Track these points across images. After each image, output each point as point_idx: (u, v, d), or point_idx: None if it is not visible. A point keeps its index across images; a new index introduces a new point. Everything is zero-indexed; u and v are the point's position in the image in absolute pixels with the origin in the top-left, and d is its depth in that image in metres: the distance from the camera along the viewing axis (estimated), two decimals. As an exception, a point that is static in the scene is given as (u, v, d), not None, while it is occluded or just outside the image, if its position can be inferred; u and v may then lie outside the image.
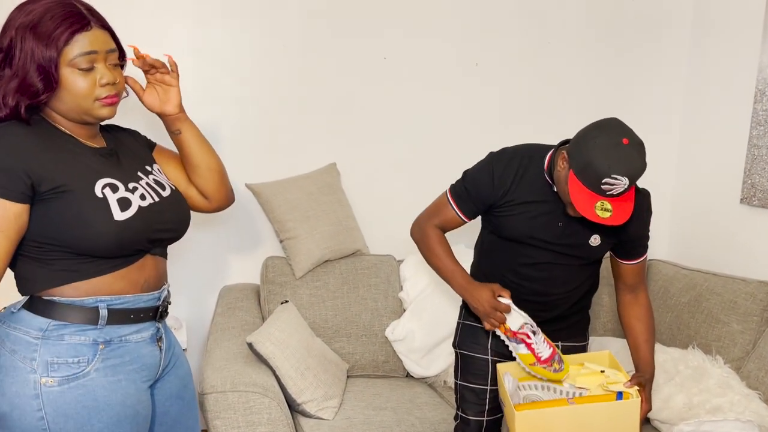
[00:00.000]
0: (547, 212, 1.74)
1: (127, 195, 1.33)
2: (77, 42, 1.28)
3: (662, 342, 2.49)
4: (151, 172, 1.47)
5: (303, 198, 2.52)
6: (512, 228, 1.77)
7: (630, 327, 1.85)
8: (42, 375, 1.25)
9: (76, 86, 1.29)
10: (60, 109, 1.32)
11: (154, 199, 1.39)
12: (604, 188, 1.54)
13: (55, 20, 1.26)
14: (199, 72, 2.52)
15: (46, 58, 1.26)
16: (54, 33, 1.26)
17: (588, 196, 1.56)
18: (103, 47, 1.31)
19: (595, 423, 1.60)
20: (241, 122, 2.58)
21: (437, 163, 2.76)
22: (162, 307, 1.42)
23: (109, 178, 1.32)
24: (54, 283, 1.29)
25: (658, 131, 2.95)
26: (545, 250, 1.77)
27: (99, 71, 1.31)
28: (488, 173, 1.77)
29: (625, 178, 1.53)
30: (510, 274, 1.81)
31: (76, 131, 1.35)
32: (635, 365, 1.83)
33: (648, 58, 2.90)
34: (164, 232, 1.41)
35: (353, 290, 2.53)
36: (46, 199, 1.25)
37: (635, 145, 1.56)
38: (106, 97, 1.32)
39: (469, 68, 2.75)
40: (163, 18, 2.47)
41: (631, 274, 1.84)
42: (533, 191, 1.74)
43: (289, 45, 2.58)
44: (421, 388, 2.46)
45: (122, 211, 1.30)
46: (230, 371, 1.94)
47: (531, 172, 1.75)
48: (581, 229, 1.74)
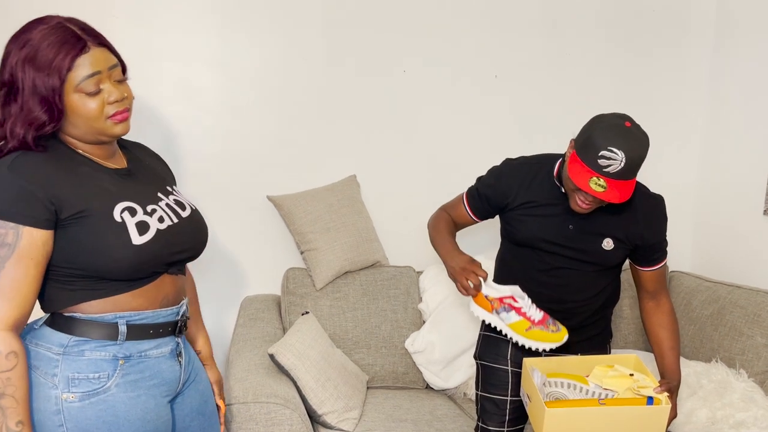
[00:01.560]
0: (556, 215, 1.77)
1: (145, 218, 1.33)
2: (79, 66, 1.26)
3: (685, 355, 2.47)
4: (172, 192, 1.47)
5: (323, 210, 2.54)
6: (523, 231, 1.80)
7: (654, 335, 1.85)
8: (63, 391, 1.26)
9: (86, 109, 1.28)
10: (74, 134, 1.32)
11: (172, 220, 1.39)
12: (601, 163, 1.57)
13: (52, 48, 1.25)
14: (221, 85, 2.56)
15: (49, 88, 1.25)
16: (54, 61, 1.24)
17: (585, 171, 1.60)
18: (105, 65, 1.29)
19: (623, 426, 1.60)
20: (262, 135, 2.61)
21: (456, 175, 2.74)
22: (181, 322, 1.42)
23: (127, 201, 1.32)
24: (73, 302, 1.29)
25: (680, 140, 2.93)
26: (559, 255, 1.78)
27: (106, 90, 1.30)
28: (497, 176, 1.86)
29: (621, 153, 1.56)
30: (527, 282, 1.82)
31: (94, 152, 1.35)
32: (661, 373, 1.83)
33: (668, 67, 2.89)
34: (181, 253, 1.41)
35: (373, 301, 2.54)
36: (66, 225, 1.25)
37: (637, 130, 1.62)
38: (116, 113, 1.31)
39: (488, 80, 2.76)
40: (185, 32, 2.50)
41: (651, 281, 1.85)
42: (542, 195, 1.78)
43: (309, 58, 2.61)
44: (441, 399, 2.46)
45: (140, 235, 1.30)
46: (252, 382, 1.95)
47: (540, 177, 1.79)
48: (592, 232, 1.76)
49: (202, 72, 2.55)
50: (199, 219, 1.48)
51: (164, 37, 2.48)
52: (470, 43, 2.72)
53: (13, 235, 1.20)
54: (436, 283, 2.60)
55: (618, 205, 1.75)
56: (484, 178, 1.91)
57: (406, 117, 2.71)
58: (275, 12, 2.56)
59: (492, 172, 1.89)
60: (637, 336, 2.67)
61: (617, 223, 1.76)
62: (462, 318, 2.49)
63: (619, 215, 1.76)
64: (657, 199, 1.81)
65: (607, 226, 1.76)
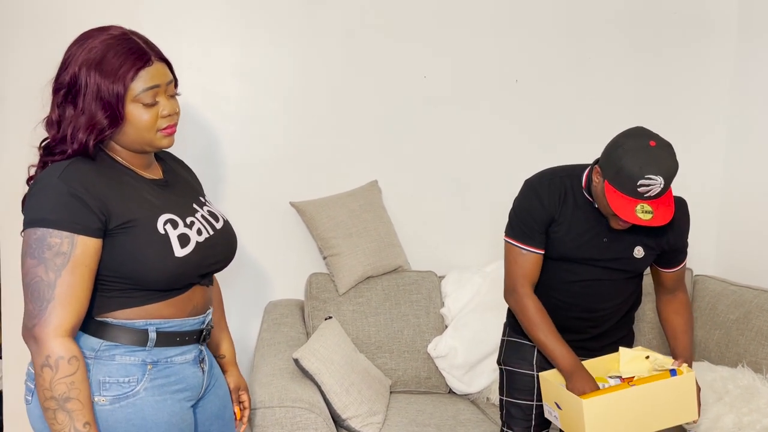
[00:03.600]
0: (591, 229, 1.76)
1: (185, 231, 1.36)
2: (141, 78, 1.31)
3: (711, 360, 2.44)
4: (205, 203, 1.51)
5: (345, 215, 2.55)
6: (560, 248, 1.78)
7: (667, 320, 1.88)
8: (94, 394, 1.29)
9: (141, 120, 1.32)
10: (122, 141, 1.35)
11: (209, 232, 1.43)
12: (641, 191, 1.57)
13: (119, 57, 1.29)
14: (243, 93, 2.59)
15: (113, 94, 1.28)
16: (120, 70, 1.29)
17: (627, 202, 1.59)
18: (164, 80, 1.34)
19: (656, 402, 1.62)
20: (284, 141, 2.63)
21: (477, 179, 2.77)
22: (205, 331, 1.46)
23: (169, 213, 1.36)
24: (107, 308, 1.32)
25: (704, 143, 2.90)
26: (592, 266, 1.78)
27: (161, 103, 1.35)
28: (536, 198, 1.77)
29: (659, 177, 1.55)
30: (557, 293, 1.82)
31: (134, 162, 1.39)
32: (673, 354, 1.84)
33: (691, 70, 2.87)
34: (215, 265, 1.46)
35: (395, 306, 2.55)
36: (113, 234, 1.29)
37: (664, 146, 1.60)
38: (167, 127, 1.36)
39: (509, 85, 2.75)
40: (208, 41, 2.54)
41: (672, 280, 1.88)
42: (577, 209, 1.76)
43: (330, 65, 2.63)
44: (464, 404, 2.46)
45: (182, 248, 1.33)
46: (277, 387, 1.97)
47: (573, 193, 1.77)
48: (625, 242, 1.76)
49: (226, 81, 2.58)
50: (230, 230, 1.52)
51: (189, 47, 2.52)
52: (490, 47, 2.72)
53: (68, 244, 1.23)
54: (458, 287, 2.61)
55: None
56: (521, 209, 1.78)
57: (426, 122, 2.72)
58: (297, 21, 2.58)
59: (526, 199, 1.78)
60: (660, 340, 2.64)
61: (648, 231, 1.76)
62: (484, 323, 2.49)
63: None
64: (681, 202, 1.81)
65: (639, 234, 1.76)
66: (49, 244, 1.22)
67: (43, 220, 1.24)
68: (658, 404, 1.62)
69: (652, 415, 1.63)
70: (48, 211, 1.24)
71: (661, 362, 1.70)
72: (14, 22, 2.38)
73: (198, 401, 1.46)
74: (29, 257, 1.24)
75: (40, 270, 1.23)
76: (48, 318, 1.22)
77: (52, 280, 1.22)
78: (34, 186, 1.29)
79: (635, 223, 1.59)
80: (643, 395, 1.62)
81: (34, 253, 1.23)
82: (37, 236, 1.23)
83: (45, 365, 1.22)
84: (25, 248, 1.25)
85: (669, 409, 1.64)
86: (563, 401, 1.65)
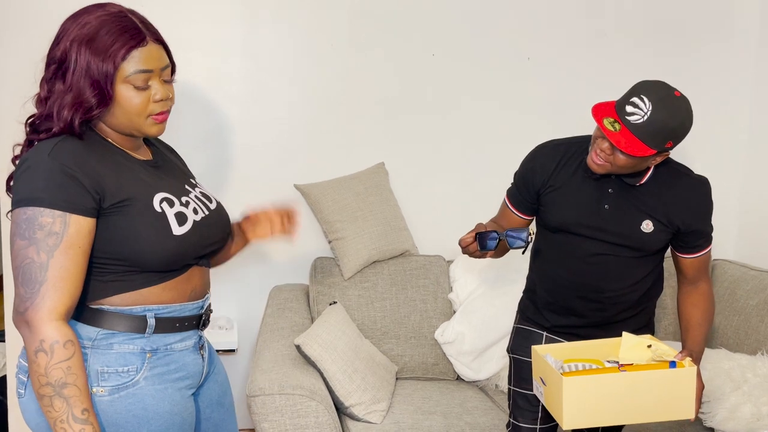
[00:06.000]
0: (590, 195, 1.71)
1: (182, 209, 1.33)
2: (134, 58, 1.25)
3: (729, 347, 2.37)
4: (197, 185, 1.47)
5: (351, 198, 2.50)
6: (558, 214, 1.74)
7: (684, 312, 1.79)
8: (93, 385, 1.25)
9: (131, 103, 1.27)
10: (110, 123, 1.31)
11: (204, 212, 1.39)
12: (627, 109, 1.54)
13: (111, 34, 1.24)
14: (248, 74, 2.54)
15: (102, 73, 1.23)
16: (111, 48, 1.23)
17: (607, 109, 1.57)
18: (158, 65, 1.29)
19: (648, 392, 1.52)
20: (289, 123, 2.59)
21: (487, 161, 2.70)
22: (204, 316, 1.43)
23: (164, 192, 1.32)
24: (103, 294, 1.28)
25: (726, 126, 2.81)
26: (596, 240, 1.71)
27: (153, 88, 1.29)
28: (532, 160, 1.79)
29: (649, 105, 1.53)
30: (562, 271, 1.76)
31: (124, 143, 1.35)
32: (683, 345, 1.76)
33: (712, 46, 2.76)
34: (212, 245, 1.42)
35: (402, 291, 2.50)
36: (107, 213, 1.25)
37: (682, 100, 1.58)
38: (159, 113, 1.31)
39: (521, 63, 2.67)
40: (213, 21, 2.49)
41: (692, 269, 1.77)
42: (577, 175, 1.72)
43: (336, 44, 2.57)
44: (471, 391, 2.41)
45: (180, 226, 1.30)
46: (278, 373, 1.94)
47: (575, 159, 1.73)
48: (631, 212, 1.69)
49: (229, 61, 2.54)
50: (224, 211, 1.49)
51: (191, 26, 2.47)
52: (501, 24, 2.64)
53: (61, 224, 1.19)
54: (466, 272, 2.55)
55: (656, 184, 1.68)
56: (519, 171, 1.83)
57: (434, 102, 2.65)
58: (303, 1, 2.52)
59: (526, 161, 1.83)
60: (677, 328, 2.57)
61: (656, 204, 1.69)
62: (493, 308, 2.44)
63: (658, 195, 1.69)
64: (701, 181, 1.73)
65: (646, 205, 1.69)
66: (41, 224, 1.18)
67: (33, 199, 1.18)
68: (650, 395, 1.52)
69: (641, 405, 1.53)
70: (39, 189, 1.19)
71: (663, 352, 1.60)
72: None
73: (198, 388, 1.43)
74: (19, 238, 1.20)
75: (31, 251, 1.18)
76: (41, 301, 1.17)
77: (45, 261, 1.18)
78: (21, 165, 1.25)
79: (598, 123, 1.56)
80: (633, 383, 1.51)
81: (24, 233, 1.18)
82: (27, 216, 1.18)
83: (39, 350, 1.18)
84: (14, 229, 1.21)
85: (661, 402, 1.54)
86: (548, 377, 1.58)
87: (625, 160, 1.58)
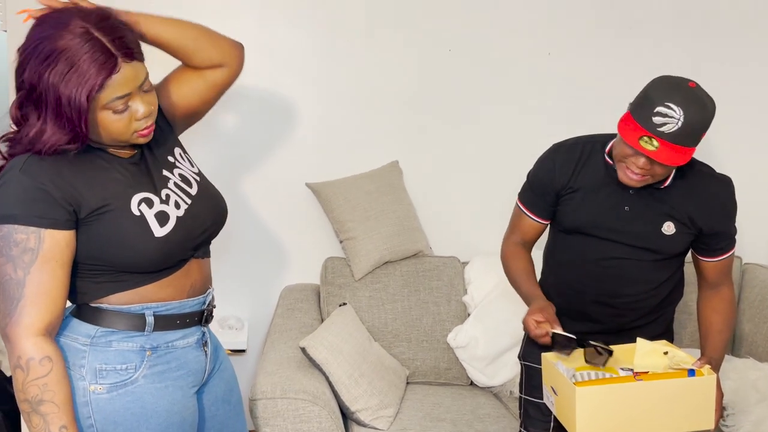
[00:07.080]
0: (610, 196, 1.63)
1: (162, 208, 1.30)
2: (109, 87, 1.18)
3: (757, 357, 2.27)
4: (176, 165, 1.41)
5: (363, 197, 2.46)
6: (575, 216, 1.66)
7: (704, 317, 1.71)
8: (91, 382, 1.26)
9: (114, 126, 1.23)
10: (96, 141, 1.27)
11: (186, 202, 1.36)
12: (656, 121, 1.44)
13: (81, 65, 1.16)
14: (263, 71, 2.50)
15: (76, 109, 1.17)
16: (82, 84, 1.16)
17: (636, 129, 1.47)
18: (135, 84, 1.22)
19: (665, 402, 1.45)
20: (302, 121, 2.54)
21: (505, 160, 2.62)
22: (207, 311, 1.41)
23: (142, 192, 1.30)
24: (100, 294, 1.29)
25: (755, 125, 2.69)
26: (613, 242, 1.64)
27: (134, 106, 1.24)
28: (551, 161, 1.71)
29: (679, 111, 1.42)
30: (577, 274, 1.69)
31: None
32: (702, 352, 1.68)
33: (744, 36, 2.64)
34: (203, 234, 1.39)
35: (414, 293, 2.44)
36: (87, 222, 1.24)
37: (702, 93, 1.47)
38: (144, 128, 1.27)
39: (541, 59, 2.59)
40: (228, 18, 2.45)
41: (714, 273, 1.69)
42: (596, 176, 1.65)
43: (351, 41, 2.52)
44: (485, 398, 2.34)
45: (161, 227, 1.28)
46: (281, 377, 1.90)
47: (594, 158, 1.66)
48: (652, 213, 1.61)
49: (243, 57, 2.50)
50: (207, 189, 1.42)
51: (202, 21, 2.43)
52: (520, 19, 2.56)
53: (35, 240, 1.19)
54: (482, 274, 2.49)
55: (678, 185, 1.60)
56: (534, 173, 1.75)
57: (450, 100, 2.59)
58: (317, -5, 2.49)
59: (542, 162, 1.74)
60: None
61: (678, 205, 1.61)
62: (508, 312, 2.36)
63: (680, 196, 1.61)
64: (724, 180, 1.65)
65: (667, 206, 1.61)
66: (16, 241, 1.18)
67: (7, 217, 1.19)
68: (667, 405, 1.46)
69: (658, 416, 1.46)
70: (11, 206, 1.19)
71: (680, 359, 1.52)
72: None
73: (203, 386, 1.42)
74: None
75: (8, 268, 1.19)
76: (19, 318, 1.18)
77: (21, 278, 1.19)
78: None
79: (634, 147, 1.46)
80: (649, 392, 1.45)
81: (1, 251, 1.19)
82: (3, 233, 1.19)
83: (17, 366, 1.19)
84: None
85: (679, 412, 1.47)
86: (559, 386, 1.51)
87: (664, 169, 1.51)
